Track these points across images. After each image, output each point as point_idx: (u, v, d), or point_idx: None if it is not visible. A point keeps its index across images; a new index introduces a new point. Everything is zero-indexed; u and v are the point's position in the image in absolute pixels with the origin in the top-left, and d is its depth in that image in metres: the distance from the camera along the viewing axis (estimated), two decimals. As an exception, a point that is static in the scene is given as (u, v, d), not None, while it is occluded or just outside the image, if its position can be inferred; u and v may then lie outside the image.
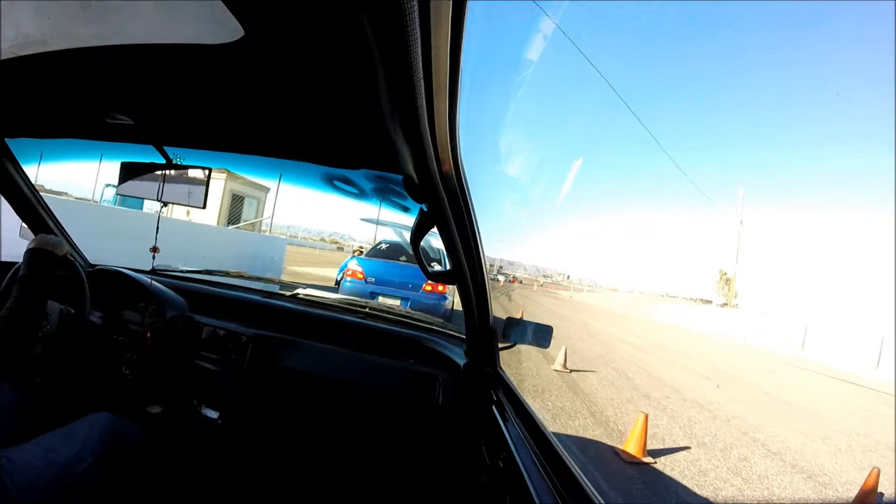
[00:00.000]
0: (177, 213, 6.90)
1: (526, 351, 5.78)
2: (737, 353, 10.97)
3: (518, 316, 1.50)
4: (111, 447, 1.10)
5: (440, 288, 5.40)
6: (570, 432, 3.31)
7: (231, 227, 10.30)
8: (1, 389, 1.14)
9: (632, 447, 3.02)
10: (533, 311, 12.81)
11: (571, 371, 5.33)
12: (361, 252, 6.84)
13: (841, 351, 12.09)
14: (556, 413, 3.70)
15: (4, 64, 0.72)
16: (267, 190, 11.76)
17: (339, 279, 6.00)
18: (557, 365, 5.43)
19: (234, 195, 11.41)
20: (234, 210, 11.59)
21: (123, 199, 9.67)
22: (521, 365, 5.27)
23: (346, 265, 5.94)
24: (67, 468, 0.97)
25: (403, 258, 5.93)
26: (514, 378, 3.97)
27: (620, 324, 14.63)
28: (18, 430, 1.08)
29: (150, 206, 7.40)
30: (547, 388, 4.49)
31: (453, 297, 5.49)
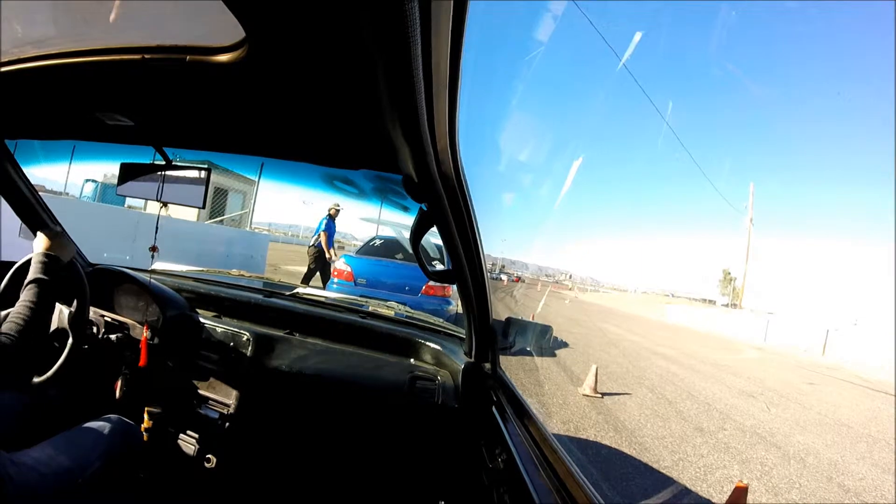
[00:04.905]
0: (152, 207, 6.54)
1: (546, 370, 5.35)
2: (767, 362, 10.42)
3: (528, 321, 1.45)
4: (118, 453, 1.10)
5: (442, 291, 4.71)
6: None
7: (209, 221, 9.86)
8: (1, 391, 1.14)
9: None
10: (544, 315, 11.98)
11: (603, 395, 4.57)
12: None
13: (859, 355, 11.73)
14: (606, 471, 2.96)
15: (4, 65, 0.72)
16: (254, 183, 11.45)
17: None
18: (587, 388, 4.59)
19: (217, 189, 10.89)
20: (217, 204, 11.10)
21: (104, 194, 9.64)
22: (542, 388, 4.55)
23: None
24: (71, 473, 0.97)
25: (400, 256, 5.06)
26: (539, 411, 3.76)
27: (639, 328, 13.90)
28: (20, 432, 1.08)
29: (130, 202, 7.35)
30: (581, 423, 3.72)
31: (457, 302, 4.40)
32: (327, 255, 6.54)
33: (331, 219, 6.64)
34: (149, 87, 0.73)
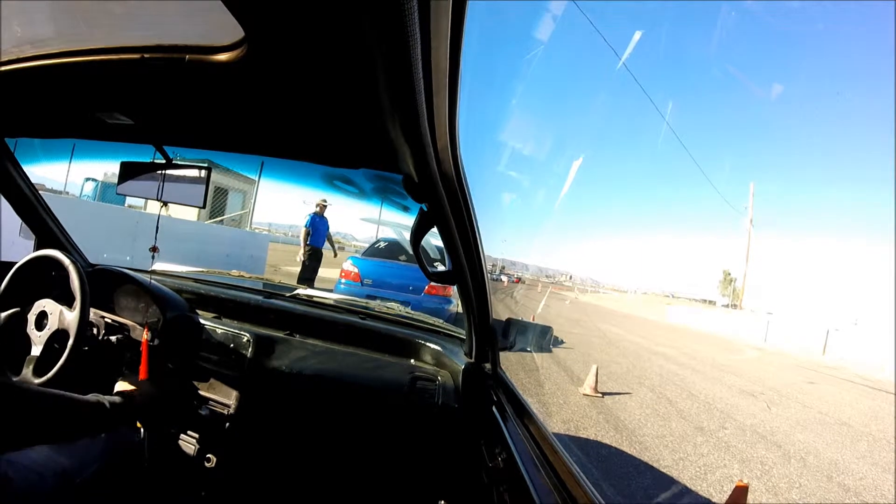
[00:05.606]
0: (153, 207, 6.74)
1: (546, 370, 5.40)
2: (767, 362, 10.41)
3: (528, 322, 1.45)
4: (117, 453, 1.10)
5: (444, 291, 4.99)
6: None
7: (209, 221, 9.90)
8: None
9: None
10: (545, 316, 12.06)
11: (604, 395, 4.61)
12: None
13: (859, 355, 11.71)
14: (607, 470, 2.96)
15: (4, 64, 0.72)
16: (254, 182, 11.42)
17: None
18: (587, 388, 4.65)
19: (217, 188, 10.83)
20: (218, 204, 11.07)
21: (104, 193, 9.63)
22: (542, 388, 4.60)
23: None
24: (70, 474, 0.97)
25: (403, 258, 5.45)
26: (539, 410, 3.80)
27: (639, 329, 13.92)
28: None
29: (130, 202, 7.39)
30: (581, 422, 3.73)
31: (458, 301, 4.76)
32: (302, 250, 6.53)
33: (317, 215, 6.61)
34: (148, 86, 0.73)
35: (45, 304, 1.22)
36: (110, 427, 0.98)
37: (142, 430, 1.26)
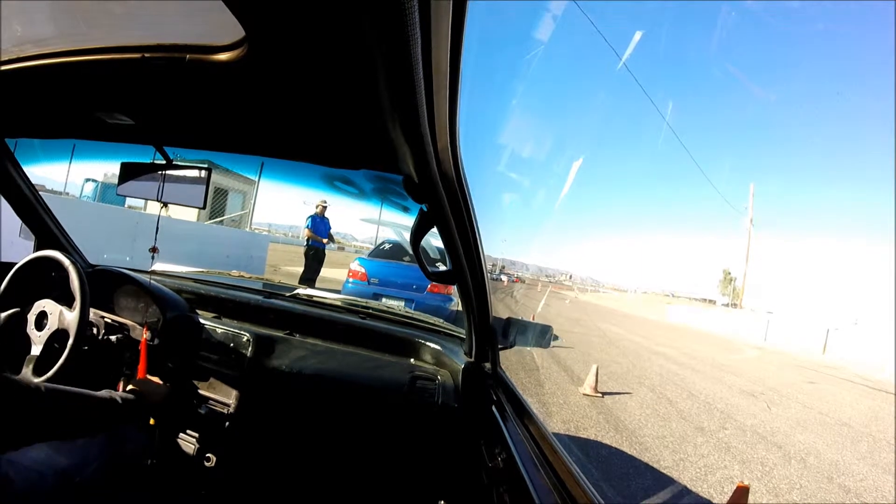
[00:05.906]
0: (153, 207, 6.63)
1: (546, 369, 5.41)
2: (767, 361, 10.37)
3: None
4: (117, 452, 1.10)
5: (446, 289, 5.21)
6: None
7: (209, 222, 9.91)
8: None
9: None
10: (545, 315, 12.03)
11: (604, 395, 4.62)
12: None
13: (859, 354, 11.71)
14: (607, 470, 2.96)
15: (4, 64, 0.72)
16: (254, 183, 11.42)
17: None
18: (587, 388, 4.66)
19: (217, 188, 10.82)
20: (217, 205, 11.07)
21: (104, 194, 9.64)
22: (542, 388, 4.60)
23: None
24: (70, 473, 0.97)
25: (407, 258, 5.75)
26: (539, 410, 3.80)
27: (639, 329, 13.90)
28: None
29: (130, 202, 7.42)
30: (581, 422, 3.74)
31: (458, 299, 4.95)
32: (338, 244, 6.69)
33: (317, 216, 6.73)
34: (149, 85, 0.73)
35: (45, 305, 1.22)
36: (121, 422, 0.98)
37: (156, 428, 1.27)
